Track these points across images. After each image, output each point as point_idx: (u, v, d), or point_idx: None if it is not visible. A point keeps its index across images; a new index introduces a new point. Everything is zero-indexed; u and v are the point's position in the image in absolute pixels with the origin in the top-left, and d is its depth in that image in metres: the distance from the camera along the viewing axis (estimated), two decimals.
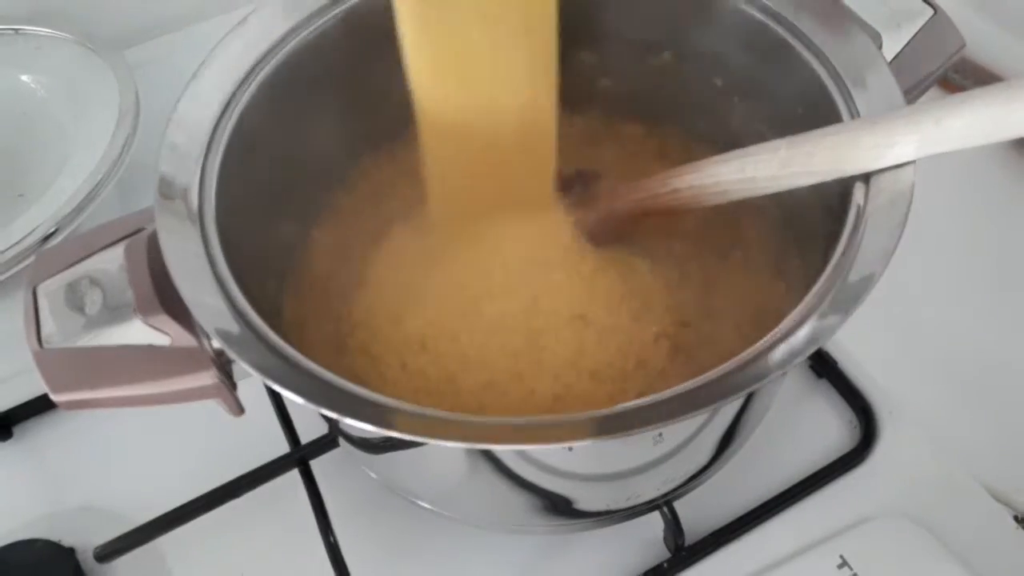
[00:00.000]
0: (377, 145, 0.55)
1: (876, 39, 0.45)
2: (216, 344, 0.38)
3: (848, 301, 0.36)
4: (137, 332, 0.39)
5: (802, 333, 0.35)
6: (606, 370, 0.45)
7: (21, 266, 0.58)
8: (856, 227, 0.38)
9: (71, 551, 0.50)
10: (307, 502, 0.49)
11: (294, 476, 0.50)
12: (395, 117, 0.56)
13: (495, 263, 0.49)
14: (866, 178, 0.39)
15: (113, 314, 0.39)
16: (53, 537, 0.51)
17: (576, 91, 0.56)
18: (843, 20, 0.45)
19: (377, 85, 0.54)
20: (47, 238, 0.58)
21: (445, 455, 0.41)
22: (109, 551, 0.48)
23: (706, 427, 0.42)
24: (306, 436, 0.51)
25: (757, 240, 0.50)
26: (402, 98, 0.55)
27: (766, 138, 0.50)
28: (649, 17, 0.52)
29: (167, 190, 0.41)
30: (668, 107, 0.55)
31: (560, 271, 0.48)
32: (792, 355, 0.35)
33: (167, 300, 0.39)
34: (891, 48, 0.45)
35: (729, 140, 0.52)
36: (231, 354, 0.36)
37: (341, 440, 0.49)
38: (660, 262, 0.50)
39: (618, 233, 0.50)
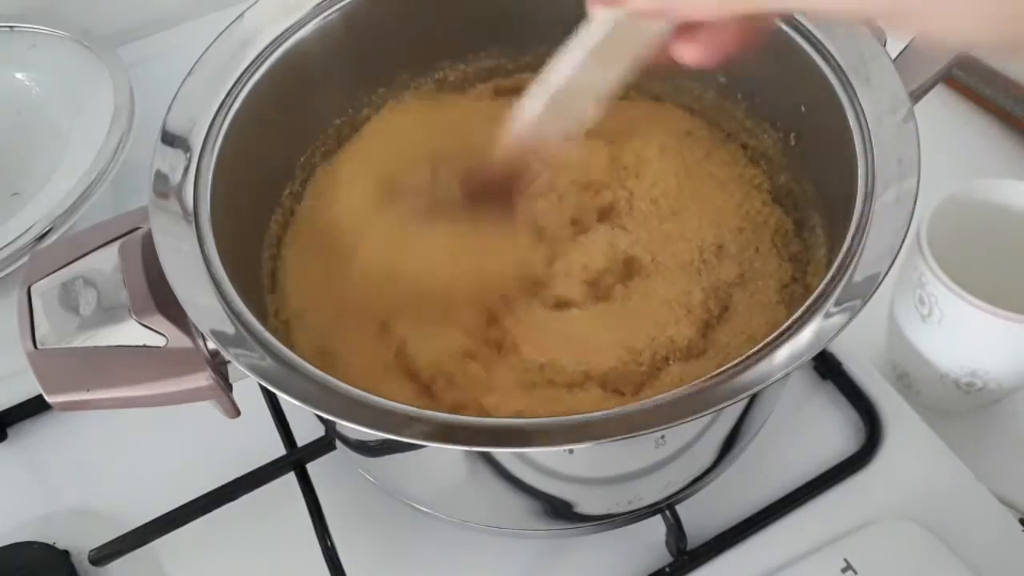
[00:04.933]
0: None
1: (881, 36, 0.44)
2: (211, 345, 0.38)
3: (853, 300, 0.35)
4: (132, 333, 0.39)
5: (806, 333, 0.35)
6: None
7: (15, 266, 0.58)
8: (861, 226, 0.38)
9: (66, 554, 0.50)
10: (304, 505, 0.48)
11: (291, 479, 0.50)
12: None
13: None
14: (872, 175, 0.39)
15: (108, 314, 0.39)
16: (48, 540, 0.50)
17: None
18: None
19: (374, 84, 0.54)
20: (41, 237, 0.58)
21: (444, 458, 0.41)
22: (104, 554, 0.47)
23: (709, 429, 0.42)
24: (302, 439, 0.51)
25: (765, 268, 0.49)
26: (400, 100, 0.55)
27: (771, 134, 0.50)
28: None
29: (162, 189, 0.41)
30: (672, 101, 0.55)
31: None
32: (796, 356, 0.34)
33: (162, 300, 0.39)
34: (896, 45, 0.45)
35: (735, 133, 0.53)
36: (226, 355, 0.35)
37: (338, 443, 0.48)
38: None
39: None
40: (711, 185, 0.51)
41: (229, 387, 0.40)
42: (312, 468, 0.50)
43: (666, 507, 0.46)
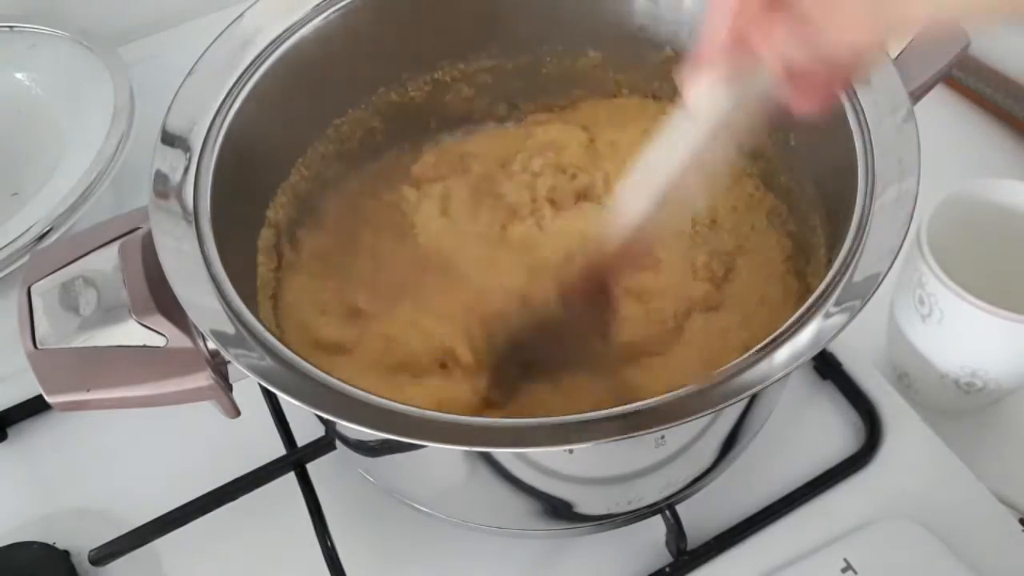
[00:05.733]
0: (373, 143, 0.55)
1: None
2: (211, 345, 0.38)
3: (853, 300, 0.35)
4: (132, 333, 0.39)
5: (806, 333, 0.35)
6: None
7: (15, 266, 0.57)
8: (861, 226, 0.38)
9: (66, 554, 0.50)
10: (304, 505, 0.48)
11: (291, 479, 0.50)
12: (393, 118, 0.56)
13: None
14: (872, 175, 0.39)
15: (108, 314, 0.39)
16: (48, 540, 0.50)
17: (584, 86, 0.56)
18: None
19: (376, 84, 0.54)
20: (41, 237, 0.58)
21: (444, 458, 0.41)
22: (104, 554, 0.47)
23: (709, 429, 0.42)
24: (302, 438, 0.51)
25: (764, 242, 0.50)
26: (399, 99, 0.55)
27: (771, 133, 0.50)
28: (648, 12, 0.52)
29: (162, 189, 0.41)
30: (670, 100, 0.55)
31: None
32: (796, 356, 0.34)
33: (162, 300, 0.39)
34: (896, 45, 0.45)
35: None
36: (226, 355, 0.35)
37: (338, 443, 0.48)
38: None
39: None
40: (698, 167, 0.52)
41: (229, 387, 0.40)
42: (312, 468, 0.50)
43: (666, 507, 0.46)
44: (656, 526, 0.47)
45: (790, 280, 0.47)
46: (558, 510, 0.44)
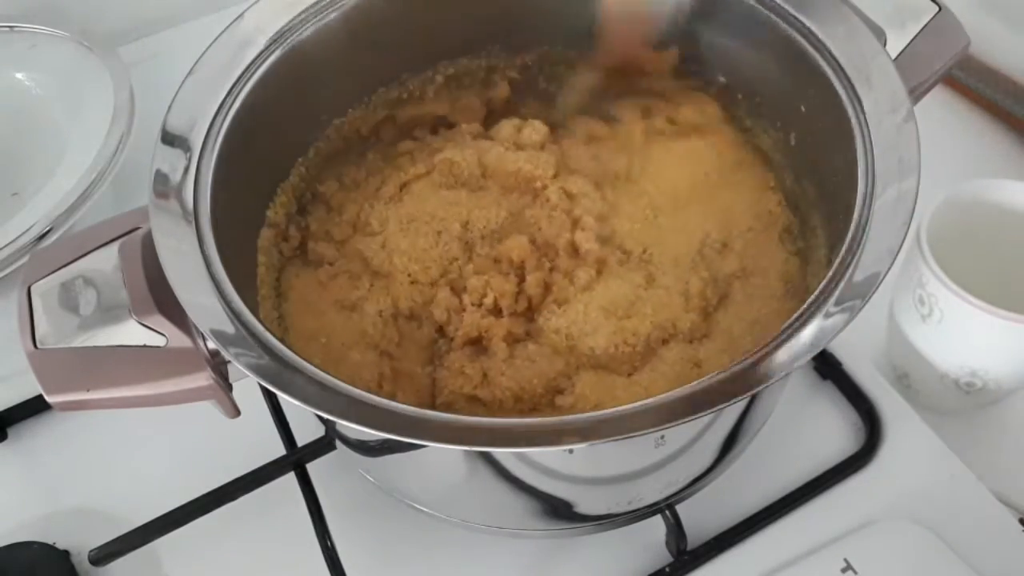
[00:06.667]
0: (374, 142, 0.55)
1: (881, 36, 0.44)
2: (211, 345, 0.38)
3: (853, 300, 0.35)
4: (132, 333, 0.39)
5: (806, 334, 0.35)
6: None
7: (15, 266, 0.58)
8: (861, 226, 0.38)
9: (66, 554, 0.50)
10: (304, 505, 0.48)
11: (291, 479, 0.50)
12: (393, 115, 0.55)
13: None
14: (872, 175, 0.39)
15: (108, 314, 0.39)
16: (48, 540, 0.50)
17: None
18: (848, 17, 0.44)
19: (376, 84, 0.54)
20: (41, 237, 0.58)
21: (444, 458, 0.41)
22: (104, 554, 0.47)
23: (709, 429, 0.42)
24: (303, 439, 0.51)
25: (769, 263, 0.49)
26: (399, 99, 0.55)
27: (771, 134, 0.50)
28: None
29: (162, 189, 0.41)
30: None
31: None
32: (796, 356, 0.34)
33: (162, 300, 0.39)
34: (896, 45, 0.45)
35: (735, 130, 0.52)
36: (226, 355, 0.35)
37: (338, 443, 0.48)
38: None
39: None
40: (721, 186, 0.51)
41: (229, 387, 0.40)
42: (312, 468, 0.50)
43: (666, 507, 0.46)
44: (656, 526, 0.47)
45: (787, 301, 0.46)
46: (558, 510, 0.44)
